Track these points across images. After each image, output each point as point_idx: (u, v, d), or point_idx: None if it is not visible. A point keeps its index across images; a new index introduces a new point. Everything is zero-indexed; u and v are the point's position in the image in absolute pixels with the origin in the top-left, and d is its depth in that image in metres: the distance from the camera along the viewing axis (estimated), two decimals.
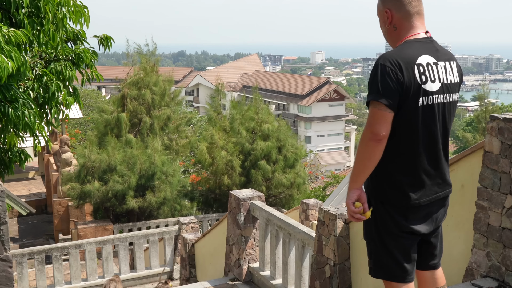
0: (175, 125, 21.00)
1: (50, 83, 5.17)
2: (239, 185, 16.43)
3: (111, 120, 18.77)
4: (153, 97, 19.89)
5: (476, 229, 4.62)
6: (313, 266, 6.56)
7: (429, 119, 2.88)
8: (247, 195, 8.21)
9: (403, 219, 2.91)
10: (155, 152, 16.09)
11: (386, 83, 2.74)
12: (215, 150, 16.89)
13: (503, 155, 4.36)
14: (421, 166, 2.91)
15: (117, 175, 15.24)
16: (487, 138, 4.53)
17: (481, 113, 35.30)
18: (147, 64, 20.41)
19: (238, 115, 18.02)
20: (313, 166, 34.06)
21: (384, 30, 3.04)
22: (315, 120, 69.52)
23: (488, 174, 4.50)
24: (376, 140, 2.77)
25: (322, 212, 6.39)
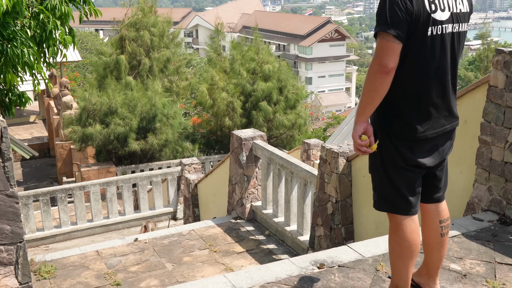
0: (175, 67, 20.81)
1: (47, 21, 5.06)
2: (240, 127, 16.44)
3: (110, 63, 18.59)
4: (152, 38, 19.63)
5: (478, 164, 4.64)
6: (315, 203, 6.63)
7: (438, 50, 2.83)
8: (249, 134, 8.22)
9: (409, 152, 2.90)
10: (155, 94, 16.00)
11: (394, 13, 2.67)
12: (216, 92, 16.80)
13: (508, 89, 4.32)
14: (429, 99, 2.89)
15: (118, 117, 15.22)
16: (492, 72, 4.48)
17: (483, 52, 34.89)
18: (144, 5, 20.02)
19: (239, 56, 17.81)
20: (314, 107, 34.01)
21: None
22: (316, 60, 68.82)
23: (492, 108, 4.47)
24: (384, 72, 2.72)
25: (324, 150, 6.40)
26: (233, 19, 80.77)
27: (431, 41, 2.79)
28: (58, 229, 10.85)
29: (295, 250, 7.15)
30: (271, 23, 75.28)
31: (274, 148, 7.77)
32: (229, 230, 7.90)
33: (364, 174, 5.99)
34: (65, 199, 10.80)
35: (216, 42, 19.47)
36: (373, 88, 2.77)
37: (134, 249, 7.24)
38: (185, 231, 7.92)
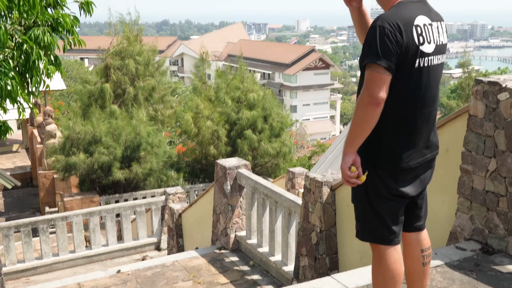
0: (160, 96, 20.83)
1: (31, 51, 5.05)
2: (225, 155, 16.42)
3: (95, 91, 18.56)
4: (137, 67, 19.67)
5: (460, 192, 4.66)
6: (300, 233, 6.60)
7: (424, 81, 2.88)
8: (233, 163, 8.20)
9: (393, 182, 2.92)
10: (140, 123, 15.98)
11: (385, 45, 2.71)
12: (201, 120, 16.82)
13: (487, 119, 4.37)
14: (414, 128, 2.92)
15: (103, 146, 15.14)
16: (472, 101, 4.54)
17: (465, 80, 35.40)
18: (130, 34, 20.11)
19: (223, 84, 17.91)
20: (299, 135, 34.11)
21: None
22: (301, 89, 69.37)
23: (473, 137, 4.52)
24: (374, 104, 2.74)
25: (308, 179, 6.41)
26: (218, 47, 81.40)
27: (418, 72, 2.84)
28: (40, 260, 10.65)
29: (280, 280, 7.09)
30: (256, 52, 75.98)
31: (259, 177, 7.76)
32: (213, 260, 7.82)
33: (348, 203, 5.99)
34: (47, 230, 10.64)
35: (201, 70, 19.59)
36: (363, 119, 2.78)
37: (117, 281, 7.12)
38: (168, 262, 7.82)
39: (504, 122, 4.21)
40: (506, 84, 4.22)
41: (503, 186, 4.28)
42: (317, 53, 74.17)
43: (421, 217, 3.18)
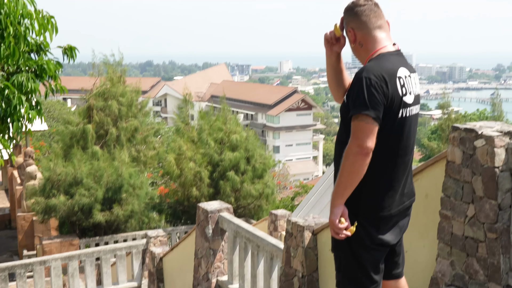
0: (143, 136, 20.79)
1: (12, 96, 5.06)
2: (207, 197, 16.35)
3: (77, 132, 18.47)
4: (120, 108, 19.68)
5: (440, 238, 4.69)
6: (282, 278, 6.55)
7: (406, 131, 2.96)
8: (215, 207, 8.18)
9: (375, 231, 2.95)
10: (122, 164, 15.90)
11: (372, 96, 2.78)
12: (183, 161, 16.80)
13: (464, 165, 4.45)
14: (396, 177, 2.98)
15: (83, 188, 15.00)
16: (450, 148, 4.62)
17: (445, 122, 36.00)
18: (113, 75, 20.18)
19: (206, 125, 17.97)
20: (281, 176, 34.10)
21: (352, 48, 3.11)
22: (283, 129, 69.81)
23: (451, 183, 4.58)
24: (364, 154, 2.78)
25: (290, 223, 6.40)
26: (201, 88, 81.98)
27: (401, 122, 2.91)
28: None
29: None
30: (239, 93, 76.62)
31: (241, 221, 7.73)
32: None
33: (330, 248, 5.97)
34: (25, 275, 10.41)
35: (184, 112, 19.67)
36: (353, 169, 2.81)
37: None
38: None
39: (481, 168, 4.29)
40: (482, 131, 4.32)
41: (481, 232, 4.33)
42: (300, 94, 75.07)
43: (399, 264, 3.20)
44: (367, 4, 3.00)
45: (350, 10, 3.04)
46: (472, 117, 46.17)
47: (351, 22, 3.03)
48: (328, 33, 3.16)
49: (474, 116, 47.19)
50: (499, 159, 4.16)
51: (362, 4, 3.00)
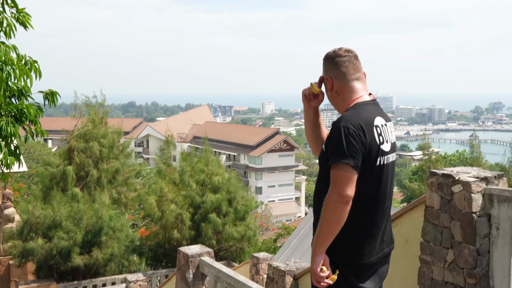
0: (124, 178, 20.62)
1: None
2: (189, 239, 16.17)
3: (57, 174, 18.28)
4: (101, 149, 19.57)
5: (420, 283, 4.70)
6: None
7: (384, 178, 3.00)
8: (195, 251, 8.09)
9: (355, 279, 2.94)
10: (102, 206, 15.71)
11: (351, 145, 2.82)
12: (165, 204, 16.67)
13: (443, 210, 4.50)
14: (375, 225, 3.00)
15: (62, 231, 14.75)
16: (428, 193, 4.68)
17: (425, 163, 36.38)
18: (95, 116, 20.14)
19: (188, 167, 17.93)
20: (264, 217, 33.95)
21: (328, 95, 3.17)
22: (266, 170, 69.84)
23: (430, 228, 4.62)
24: (343, 202, 2.80)
25: (271, 268, 6.36)
26: (184, 129, 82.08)
27: (379, 170, 2.95)
28: None
29: None
30: (221, 134, 76.83)
31: (222, 265, 7.65)
32: None
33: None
34: None
35: (166, 153, 19.62)
36: (333, 218, 2.82)
37: None
38: None
39: (459, 213, 4.35)
40: (459, 177, 4.39)
41: (461, 277, 4.35)
42: (282, 135, 75.51)
43: None
44: (348, 56, 3.08)
45: (331, 59, 3.12)
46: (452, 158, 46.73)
47: (330, 71, 3.10)
48: (306, 89, 3.24)
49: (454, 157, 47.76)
50: (476, 205, 4.22)
51: (342, 55, 3.08)
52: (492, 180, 4.28)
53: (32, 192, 19.63)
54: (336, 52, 3.11)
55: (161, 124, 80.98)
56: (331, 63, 3.11)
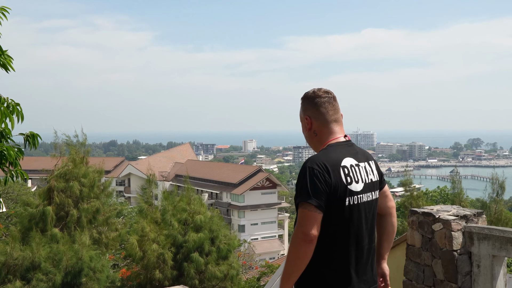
0: (105, 218, 20.36)
1: None
2: (171, 279, 15.94)
3: (36, 214, 18.00)
4: (81, 189, 19.37)
5: None
6: None
7: (356, 218, 3.01)
8: None
9: None
10: (82, 247, 15.46)
11: (315, 185, 2.87)
12: (146, 243, 16.47)
13: (424, 248, 4.53)
14: (349, 263, 3.00)
15: (41, 273, 14.45)
16: (409, 231, 4.71)
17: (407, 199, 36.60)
18: (76, 155, 20.01)
19: (170, 206, 17.82)
20: (247, 255, 33.67)
21: (306, 135, 3.23)
22: (248, 208, 69.55)
23: (412, 267, 4.64)
24: (307, 241, 2.84)
25: None
26: (166, 167, 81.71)
27: (349, 210, 2.98)
28: None
29: None
30: (203, 172, 76.63)
31: None
32: None
33: None
34: None
35: (147, 193, 19.47)
36: (297, 256, 2.85)
37: None
38: None
39: (440, 251, 4.38)
40: (439, 215, 4.44)
41: None
42: (264, 173, 75.56)
43: None
44: (327, 97, 3.15)
45: (310, 99, 3.17)
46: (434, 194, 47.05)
47: (309, 110, 3.16)
48: None
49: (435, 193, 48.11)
50: (456, 243, 4.26)
51: (322, 96, 3.14)
52: (472, 218, 4.33)
53: (11, 233, 19.28)
54: (315, 92, 3.17)
55: (142, 163, 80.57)
56: (310, 103, 3.17)
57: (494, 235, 4.10)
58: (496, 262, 4.16)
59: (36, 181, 58.14)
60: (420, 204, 24.13)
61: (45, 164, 24.49)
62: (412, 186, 38.68)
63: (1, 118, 4.99)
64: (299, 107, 3.27)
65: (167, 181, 72.26)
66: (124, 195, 72.94)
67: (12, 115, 5.11)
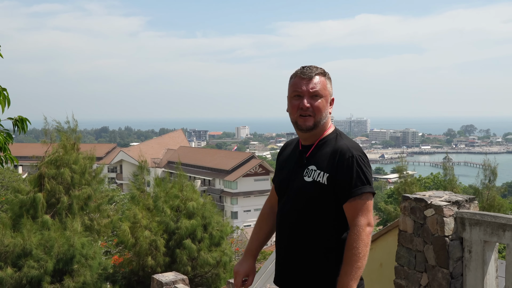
0: (96, 204, 20.30)
1: None
2: (163, 266, 15.93)
3: (27, 201, 17.92)
4: (72, 175, 19.27)
5: None
6: None
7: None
8: (170, 278, 7.96)
9: None
10: (74, 233, 15.41)
11: (370, 173, 2.90)
12: (138, 230, 16.42)
13: (416, 234, 4.51)
14: None
15: (33, 259, 14.40)
16: (401, 217, 4.69)
17: (401, 185, 36.75)
18: (67, 142, 19.88)
19: (162, 193, 17.76)
20: (240, 242, 33.75)
21: (325, 113, 3.01)
22: (241, 195, 69.66)
23: (404, 252, 4.62)
24: (371, 232, 2.82)
25: None
26: (158, 154, 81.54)
27: None
28: None
29: None
30: (196, 158, 76.56)
31: None
32: None
33: None
34: None
35: (139, 179, 19.40)
36: (367, 249, 2.79)
37: None
38: None
39: (432, 237, 4.36)
40: (431, 201, 4.42)
41: None
42: (257, 159, 75.60)
43: None
44: None
45: (328, 74, 3.05)
46: (427, 180, 47.26)
47: (330, 86, 3.04)
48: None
49: (428, 179, 48.33)
50: (448, 228, 4.24)
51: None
52: (464, 204, 4.31)
53: (1, 220, 19.20)
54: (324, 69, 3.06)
55: (134, 149, 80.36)
56: (329, 78, 3.05)
57: (486, 221, 4.08)
58: (487, 247, 4.14)
59: (26, 167, 57.89)
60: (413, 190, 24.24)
61: (36, 151, 24.36)
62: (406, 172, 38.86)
63: None
64: (321, 81, 3.01)
65: (159, 167, 72.17)
66: (116, 182, 72.81)
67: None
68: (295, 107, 2.96)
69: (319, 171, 2.88)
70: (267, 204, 3.41)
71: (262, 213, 3.43)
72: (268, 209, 3.38)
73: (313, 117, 2.93)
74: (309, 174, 2.90)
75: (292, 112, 3.00)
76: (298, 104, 2.95)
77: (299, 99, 2.95)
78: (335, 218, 2.86)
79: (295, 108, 2.96)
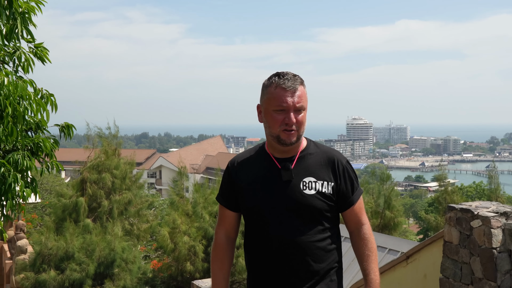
0: (136, 209, 20.60)
1: (8, 174, 5.05)
2: (202, 272, 16.03)
3: (69, 205, 18.32)
4: (113, 180, 19.61)
5: None
6: None
7: None
8: (209, 285, 7.99)
9: None
10: (115, 238, 15.67)
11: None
12: (177, 235, 16.59)
13: (462, 245, 4.41)
14: None
15: (75, 263, 14.70)
16: (446, 228, 4.59)
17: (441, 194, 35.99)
18: (108, 147, 20.26)
19: (201, 199, 17.89)
20: None
21: (304, 119, 2.94)
22: None
23: (449, 264, 4.52)
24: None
25: None
26: (196, 160, 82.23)
27: None
28: None
29: None
30: None
31: None
32: None
33: None
34: None
35: (178, 185, 19.61)
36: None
37: None
38: None
39: (479, 249, 4.25)
40: (478, 212, 4.31)
41: None
42: None
43: None
44: None
45: (303, 80, 3.00)
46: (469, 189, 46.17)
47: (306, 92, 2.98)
48: None
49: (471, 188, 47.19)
50: (496, 240, 4.13)
51: None
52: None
53: (45, 223, 19.68)
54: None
55: (174, 155, 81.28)
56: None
57: None
58: None
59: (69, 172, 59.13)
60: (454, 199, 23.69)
61: (78, 156, 24.90)
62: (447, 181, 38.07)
63: (37, 110, 5.04)
64: (304, 93, 2.90)
65: (198, 173, 72.74)
66: (156, 187, 73.75)
67: (46, 106, 5.17)
68: (279, 122, 2.83)
69: (321, 182, 2.83)
70: (222, 233, 3.15)
71: (219, 244, 3.17)
72: (225, 239, 3.15)
73: (297, 131, 2.84)
74: (309, 186, 2.81)
75: (273, 126, 2.86)
76: (282, 118, 2.82)
77: (283, 113, 2.82)
78: (336, 225, 2.94)
79: (278, 122, 2.83)
